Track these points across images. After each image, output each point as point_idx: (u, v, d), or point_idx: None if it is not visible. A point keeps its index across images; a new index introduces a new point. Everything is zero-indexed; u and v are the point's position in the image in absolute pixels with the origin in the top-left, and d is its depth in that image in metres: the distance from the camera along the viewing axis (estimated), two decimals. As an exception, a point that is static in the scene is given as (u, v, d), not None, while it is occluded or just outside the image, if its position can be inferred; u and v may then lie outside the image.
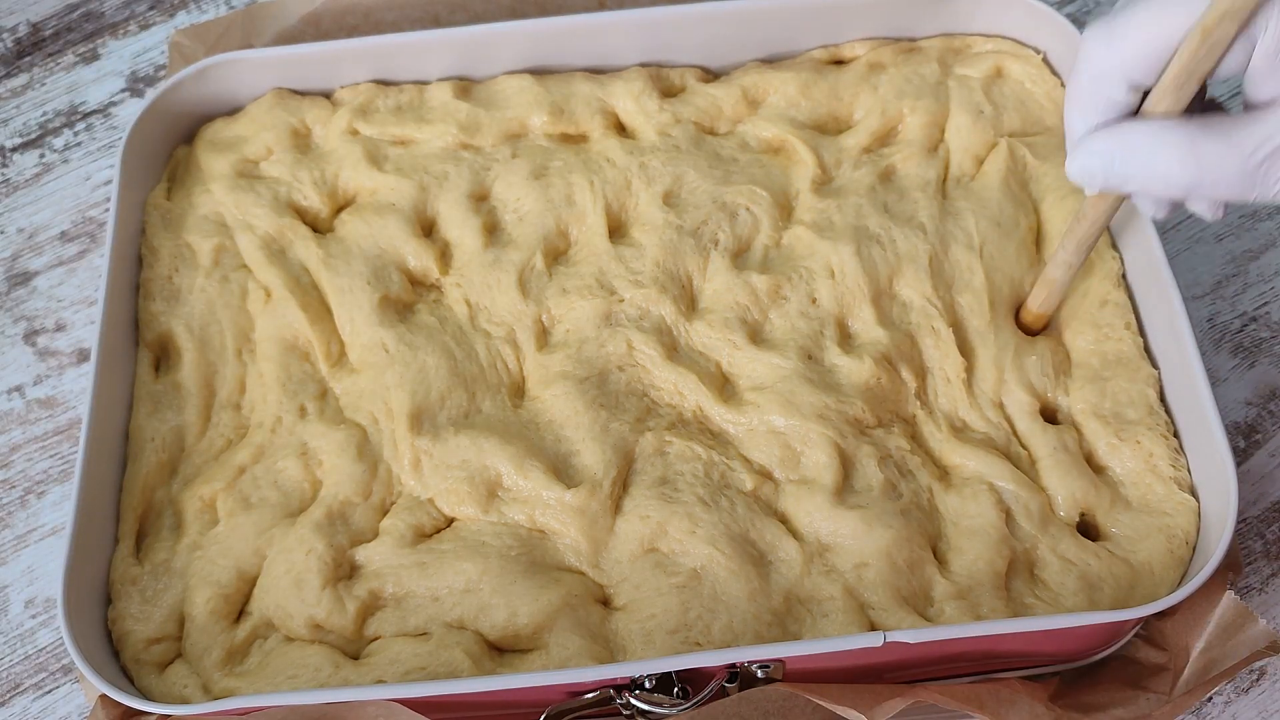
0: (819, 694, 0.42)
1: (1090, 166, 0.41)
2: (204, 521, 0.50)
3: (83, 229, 0.66)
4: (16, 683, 0.54)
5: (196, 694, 0.47)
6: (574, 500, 0.49)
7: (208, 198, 0.58)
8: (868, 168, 0.57)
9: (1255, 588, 0.54)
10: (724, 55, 0.61)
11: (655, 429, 0.51)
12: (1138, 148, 0.39)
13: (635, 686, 0.43)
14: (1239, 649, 0.45)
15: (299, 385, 0.53)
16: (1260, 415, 0.57)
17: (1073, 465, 0.49)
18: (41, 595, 0.56)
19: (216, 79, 0.59)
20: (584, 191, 0.56)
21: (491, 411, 0.52)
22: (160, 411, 0.53)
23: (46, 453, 0.59)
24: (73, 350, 0.62)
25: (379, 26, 0.64)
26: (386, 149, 0.59)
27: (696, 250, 0.55)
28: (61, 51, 0.72)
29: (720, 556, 0.47)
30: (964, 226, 0.55)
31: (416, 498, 0.50)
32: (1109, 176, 0.41)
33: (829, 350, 0.52)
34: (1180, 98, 0.39)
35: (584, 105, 0.59)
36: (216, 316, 0.55)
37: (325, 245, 0.56)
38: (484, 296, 0.55)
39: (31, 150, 0.68)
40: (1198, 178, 0.39)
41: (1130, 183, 0.40)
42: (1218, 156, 0.38)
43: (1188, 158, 0.38)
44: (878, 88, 0.59)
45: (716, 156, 0.58)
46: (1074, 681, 0.48)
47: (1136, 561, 0.48)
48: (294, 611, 0.48)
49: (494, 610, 0.47)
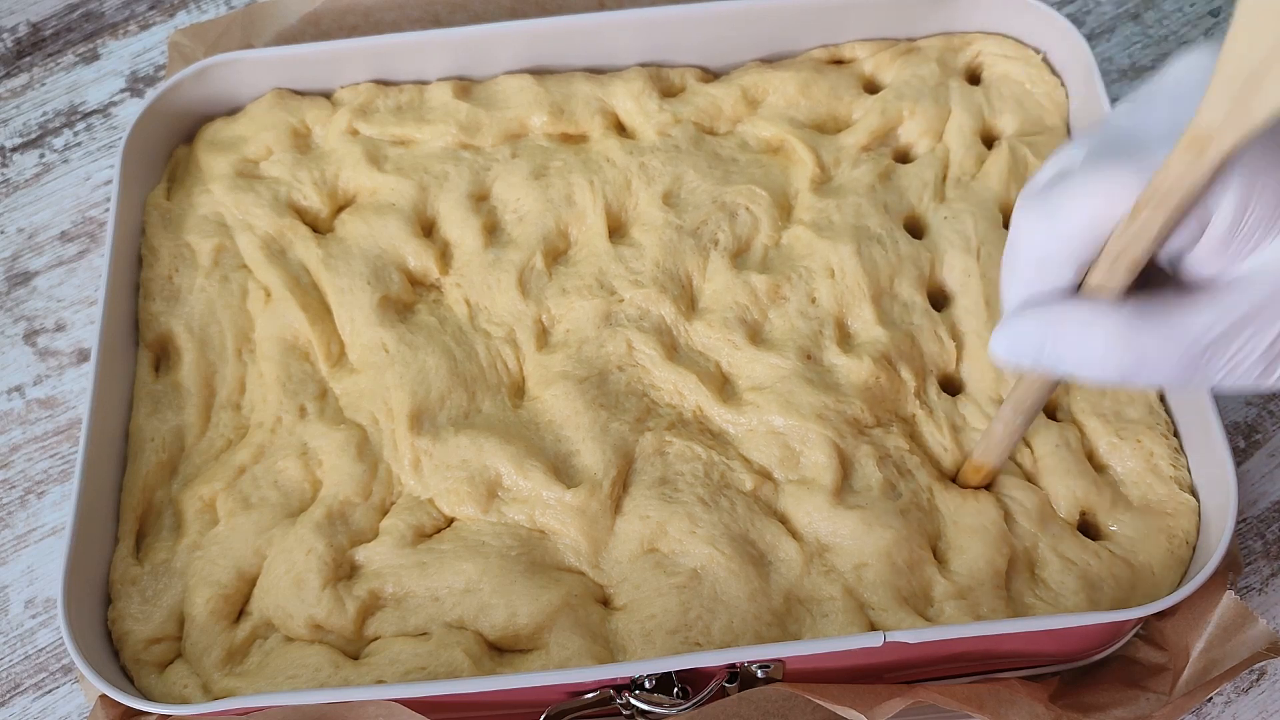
0: (819, 694, 0.42)
1: (1018, 349, 0.37)
2: (204, 521, 0.50)
3: (83, 229, 0.66)
4: (16, 683, 0.54)
5: (196, 694, 0.47)
6: (574, 500, 0.49)
7: (208, 198, 0.58)
8: (867, 167, 0.57)
9: (1255, 588, 0.54)
10: (724, 55, 0.61)
11: (655, 429, 0.51)
12: (1069, 333, 0.35)
13: (635, 686, 0.43)
14: (1239, 649, 0.45)
15: (299, 385, 0.53)
16: (1260, 415, 0.57)
17: (1074, 463, 0.49)
18: (41, 595, 0.56)
19: (216, 79, 0.59)
20: (584, 191, 0.56)
21: (491, 411, 0.52)
22: (160, 411, 0.53)
23: (46, 453, 0.59)
24: (73, 350, 0.62)
25: (379, 26, 0.64)
26: (386, 149, 0.59)
27: (696, 250, 0.55)
28: (61, 51, 0.72)
29: (720, 556, 0.47)
30: (962, 227, 0.55)
31: (416, 498, 0.50)
32: (1039, 359, 0.37)
33: (828, 350, 0.52)
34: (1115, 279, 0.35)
35: (584, 105, 0.59)
36: (216, 316, 0.55)
37: (325, 245, 0.56)
38: (484, 296, 0.55)
39: (31, 150, 0.68)
40: (1135, 368, 0.35)
41: (1062, 366, 0.36)
42: (1156, 347, 0.34)
43: (1123, 347, 0.34)
44: (877, 87, 0.59)
45: (716, 156, 0.58)
46: (1074, 681, 0.48)
47: (1137, 561, 0.48)
48: (294, 611, 0.48)
49: (494, 610, 0.47)
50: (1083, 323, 0.35)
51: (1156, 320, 0.34)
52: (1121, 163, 0.33)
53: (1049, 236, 0.35)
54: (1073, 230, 0.34)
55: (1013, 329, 0.37)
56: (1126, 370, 0.35)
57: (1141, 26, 0.69)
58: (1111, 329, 0.35)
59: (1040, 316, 0.36)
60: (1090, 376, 0.36)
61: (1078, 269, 0.35)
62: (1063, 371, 0.36)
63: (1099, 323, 0.35)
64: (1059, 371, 0.37)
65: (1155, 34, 0.69)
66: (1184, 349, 0.34)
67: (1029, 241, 0.36)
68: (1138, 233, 0.33)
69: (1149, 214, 0.32)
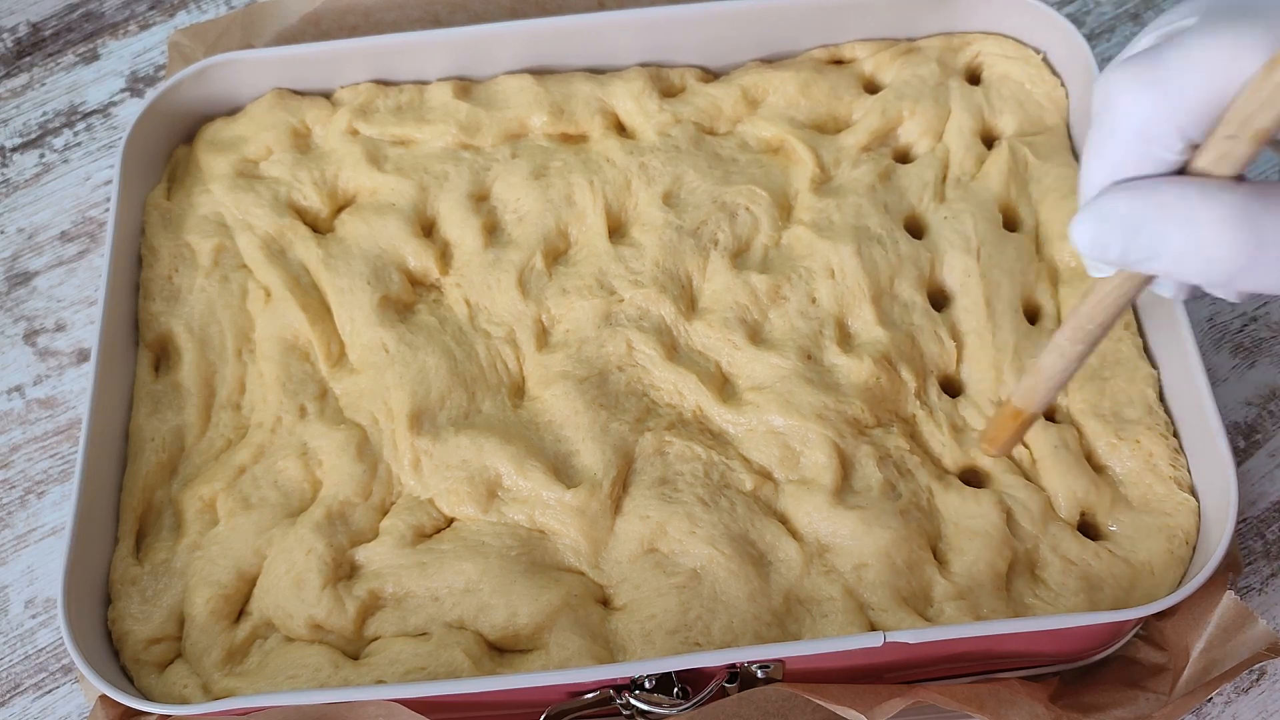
0: (819, 694, 0.42)
1: (1106, 236, 0.32)
2: (204, 521, 0.50)
3: (83, 229, 0.66)
4: (16, 683, 0.54)
5: (196, 694, 0.47)
6: (574, 500, 0.49)
7: (208, 198, 0.58)
8: (867, 167, 0.57)
9: (1255, 588, 0.54)
10: (724, 55, 0.61)
11: (655, 429, 0.51)
12: (1176, 215, 0.31)
13: (635, 687, 0.43)
14: (1239, 649, 0.45)
15: (299, 385, 0.53)
16: (1260, 415, 0.57)
17: (1073, 463, 0.49)
18: (41, 595, 0.56)
19: (216, 79, 0.59)
20: (584, 191, 0.56)
21: (491, 411, 0.52)
22: (160, 411, 0.53)
23: (46, 453, 0.59)
24: (73, 350, 0.62)
25: (379, 26, 0.64)
26: (386, 149, 0.59)
27: (696, 250, 0.55)
28: (61, 51, 0.72)
29: (720, 557, 0.47)
30: (962, 227, 0.55)
31: (416, 498, 0.50)
32: (1129, 250, 0.32)
33: (828, 350, 0.52)
34: (1234, 156, 0.30)
35: (584, 105, 0.59)
36: (216, 316, 0.55)
37: (325, 245, 0.56)
38: (484, 296, 0.55)
39: (31, 150, 0.68)
40: (1253, 252, 0.30)
41: (1159, 260, 0.31)
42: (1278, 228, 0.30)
43: (1243, 232, 0.30)
44: (877, 87, 0.59)
45: (716, 156, 0.58)
46: (1074, 681, 0.48)
47: (1136, 561, 0.48)
48: (294, 611, 0.48)
49: (494, 610, 0.47)
50: (1193, 201, 0.30)
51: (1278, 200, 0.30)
52: (1245, 21, 0.29)
53: (1157, 103, 0.30)
54: (1188, 97, 0.30)
55: (1104, 208, 0.32)
56: (1243, 256, 0.30)
57: (1141, 26, 0.69)
58: (1228, 206, 0.30)
59: (1139, 194, 0.31)
60: (1194, 270, 0.31)
61: (1186, 145, 0.31)
62: (1160, 265, 0.32)
63: (1212, 200, 0.30)
64: (1154, 265, 0.32)
65: (1155, 34, 0.69)
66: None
67: (1131, 110, 0.31)
68: (1271, 95, 0.28)
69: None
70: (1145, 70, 0.31)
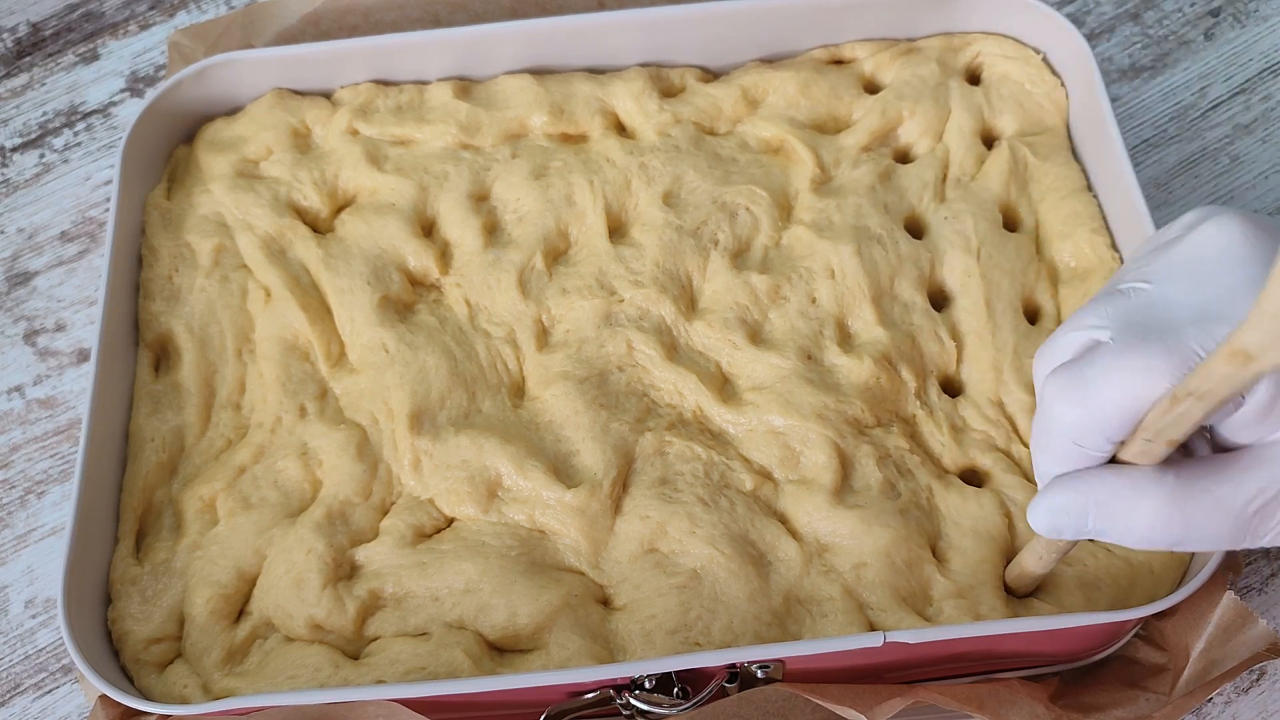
0: (819, 694, 0.42)
1: (1059, 523, 0.37)
2: (204, 521, 0.50)
3: (83, 229, 0.66)
4: (16, 683, 0.54)
5: (196, 694, 0.47)
6: (574, 500, 0.49)
7: (208, 198, 0.58)
8: (867, 167, 0.57)
9: (1255, 588, 0.54)
10: (724, 55, 0.61)
11: (655, 429, 0.51)
12: (1114, 503, 0.35)
13: (635, 687, 0.43)
14: (1239, 649, 0.45)
15: (299, 385, 0.53)
16: (1260, 415, 0.57)
17: (1073, 465, 0.49)
18: (41, 595, 0.56)
19: (216, 79, 0.59)
20: (584, 191, 0.56)
21: (491, 411, 0.52)
22: (160, 411, 0.53)
23: (46, 453, 0.59)
24: (73, 350, 0.62)
25: (379, 26, 0.64)
26: (386, 149, 0.59)
27: (696, 250, 0.55)
28: (61, 51, 0.72)
29: (720, 557, 0.47)
30: (963, 227, 0.55)
31: (416, 498, 0.50)
32: (1080, 531, 0.37)
33: (828, 350, 0.52)
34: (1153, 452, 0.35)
35: (584, 105, 0.59)
36: (216, 316, 0.55)
37: (325, 245, 0.56)
38: (484, 296, 0.55)
39: (31, 150, 0.68)
40: (1184, 534, 0.35)
41: (1105, 536, 0.36)
42: (1204, 517, 0.35)
43: (1171, 516, 0.35)
44: (877, 88, 0.59)
45: (716, 156, 0.58)
46: (1074, 681, 0.48)
47: (1136, 561, 0.48)
48: (294, 611, 0.48)
49: (494, 610, 0.47)
50: (1127, 495, 0.35)
51: (1202, 490, 0.34)
52: (1152, 345, 0.34)
53: (1083, 417, 0.35)
54: (1108, 413, 0.34)
55: (1052, 501, 0.37)
56: (1175, 539, 0.35)
57: (1141, 26, 0.69)
58: (1159, 501, 0.35)
59: (1081, 489, 0.36)
60: (1135, 545, 0.36)
61: (1113, 444, 0.35)
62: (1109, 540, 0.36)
63: (1144, 495, 0.35)
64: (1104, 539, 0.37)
65: (1155, 34, 0.69)
66: (1233, 517, 0.34)
67: (1063, 419, 0.36)
68: (1178, 419, 0.33)
69: (1190, 404, 0.32)
70: (1070, 389, 0.35)
